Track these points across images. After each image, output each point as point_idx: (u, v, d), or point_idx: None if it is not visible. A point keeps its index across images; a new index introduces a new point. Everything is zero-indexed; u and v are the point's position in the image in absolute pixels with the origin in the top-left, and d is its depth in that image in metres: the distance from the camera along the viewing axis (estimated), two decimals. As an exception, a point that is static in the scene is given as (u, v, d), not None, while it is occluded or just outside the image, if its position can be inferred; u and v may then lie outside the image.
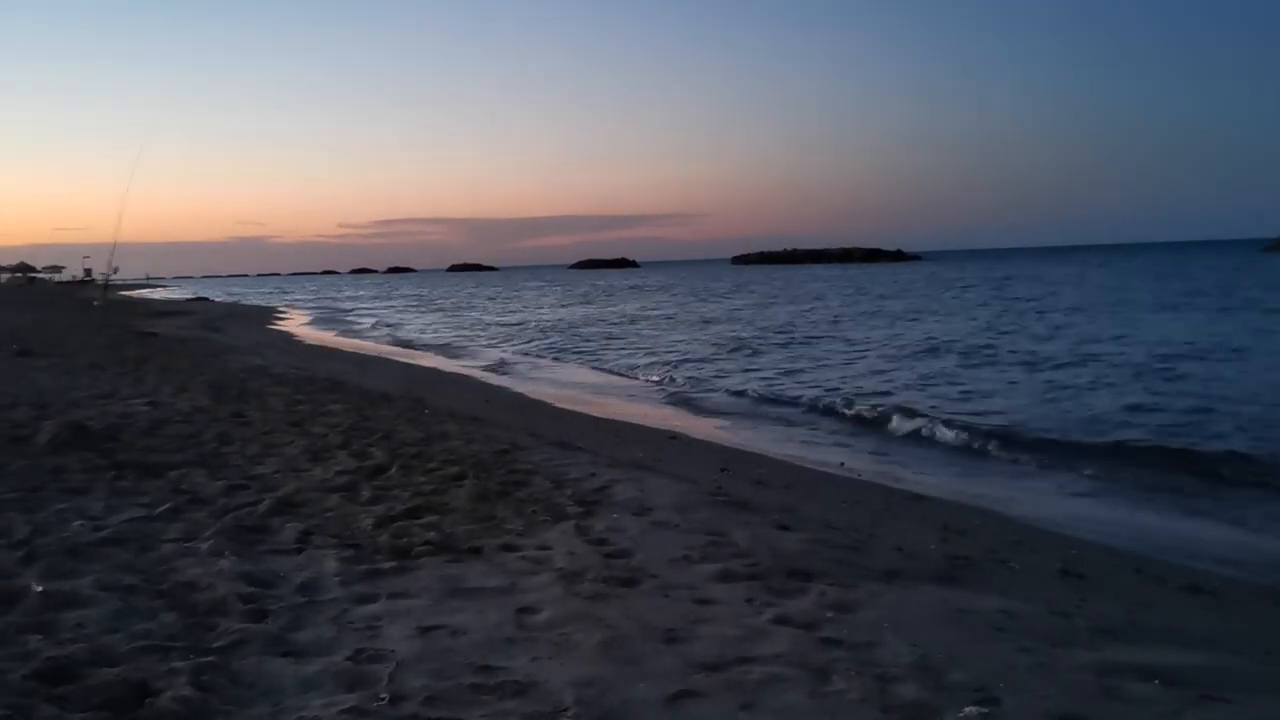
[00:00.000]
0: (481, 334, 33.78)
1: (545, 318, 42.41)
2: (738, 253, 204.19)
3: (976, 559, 6.03)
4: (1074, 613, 4.94)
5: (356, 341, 29.81)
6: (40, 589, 4.32)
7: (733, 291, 64.95)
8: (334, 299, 75.12)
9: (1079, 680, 3.82)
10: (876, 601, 4.65)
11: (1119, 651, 4.24)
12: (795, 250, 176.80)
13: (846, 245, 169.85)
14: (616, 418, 13.31)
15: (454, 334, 34.08)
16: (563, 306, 52.75)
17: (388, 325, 39.92)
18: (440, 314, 49.60)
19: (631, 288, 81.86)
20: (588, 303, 56.29)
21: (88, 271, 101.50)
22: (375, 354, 24.17)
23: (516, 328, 36.07)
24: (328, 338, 31.16)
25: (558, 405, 14.64)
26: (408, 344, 29.19)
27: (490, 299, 67.22)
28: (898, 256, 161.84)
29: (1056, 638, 4.36)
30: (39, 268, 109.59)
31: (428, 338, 32.17)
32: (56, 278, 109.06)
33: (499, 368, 21.51)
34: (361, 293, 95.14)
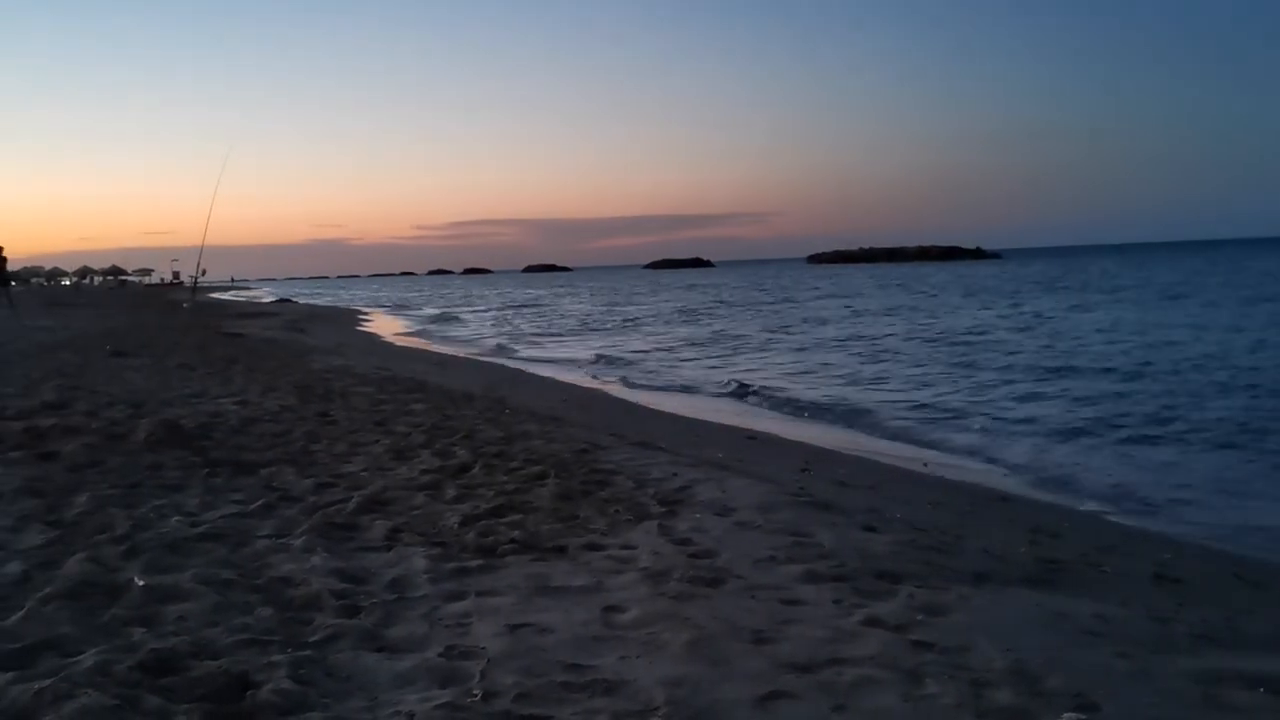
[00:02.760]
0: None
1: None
2: (812, 251, 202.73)
3: (1068, 562, 5.90)
4: (1172, 618, 4.81)
5: (434, 342, 30.21)
6: (142, 583, 4.44)
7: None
8: (411, 301, 76.09)
9: (1180, 688, 3.72)
10: (967, 604, 4.58)
11: (1220, 658, 4.12)
12: (872, 249, 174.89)
13: (923, 243, 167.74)
14: (696, 416, 13.30)
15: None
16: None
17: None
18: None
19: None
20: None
21: (175, 274, 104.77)
22: (453, 354, 24.45)
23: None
24: (407, 339, 31.65)
25: (637, 404, 14.69)
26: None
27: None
28: (976, 254, 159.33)
29: (1155, 643, 4.26)
30: (130, 271, 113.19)
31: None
32: (146, 280, 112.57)
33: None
34: (428, 292, 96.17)
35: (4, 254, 32.29)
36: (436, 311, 54.01)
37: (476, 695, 3.42)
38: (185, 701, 3.28)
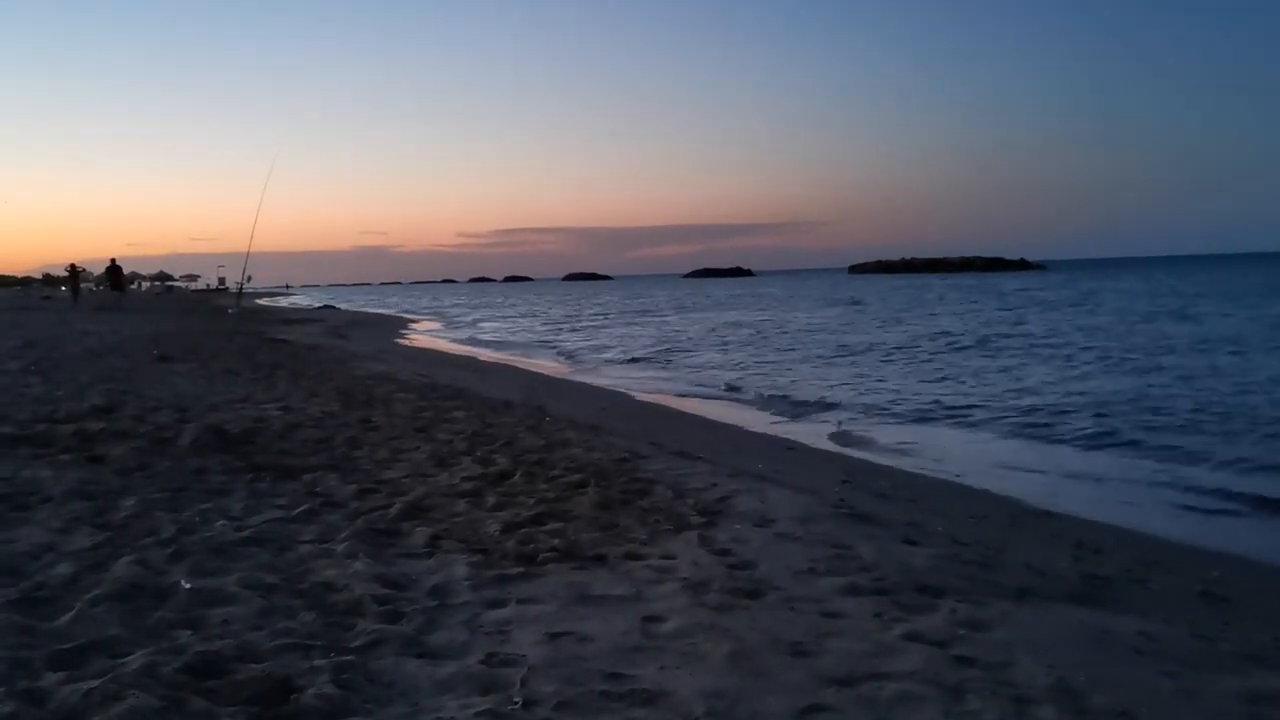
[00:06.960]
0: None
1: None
2: (854, 262, 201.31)
3: (1112, 578, 5.83)
4: (1217, 636, 4.74)
5: (474, 349, 30.39)
6: (188, 586, 4.51)
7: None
8: (452, 308, 76.55)
9: (1226, 707, 3.67)
10: (1010, 620, 4.53)
11: (1268, 678, 4.04)
12: (913, 260, 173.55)
13: (966, 254, 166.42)
14: (735, 424, 13.27)
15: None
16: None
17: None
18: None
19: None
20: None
21: (221, 280, 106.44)
22: (494, 361, 24.56)
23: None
24: (447, 345, 31.86)
25: (676, 411, 14.68)
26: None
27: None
28: (1021, 265, 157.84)
29: (1200, 662, 4.19)
30: (177, 276, 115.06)
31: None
32: (192, 286, 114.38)
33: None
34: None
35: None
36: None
37: (517, 703, 3.44)
38: (230, 704, 3.32)
